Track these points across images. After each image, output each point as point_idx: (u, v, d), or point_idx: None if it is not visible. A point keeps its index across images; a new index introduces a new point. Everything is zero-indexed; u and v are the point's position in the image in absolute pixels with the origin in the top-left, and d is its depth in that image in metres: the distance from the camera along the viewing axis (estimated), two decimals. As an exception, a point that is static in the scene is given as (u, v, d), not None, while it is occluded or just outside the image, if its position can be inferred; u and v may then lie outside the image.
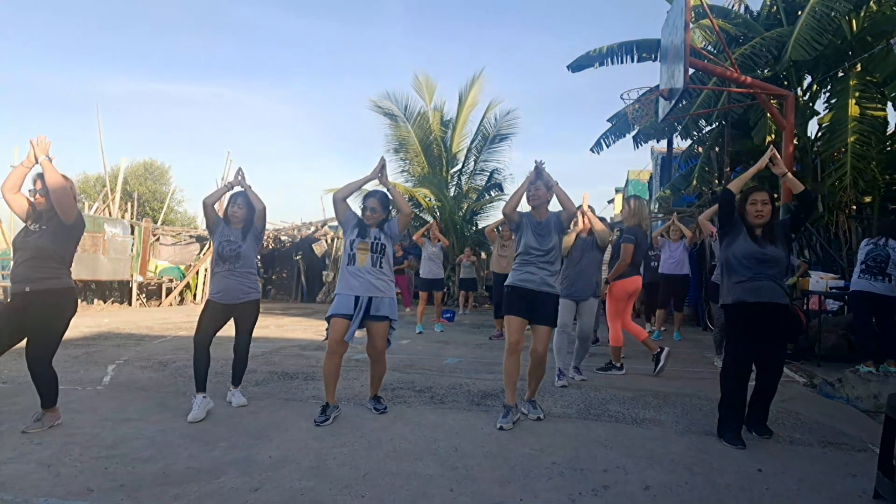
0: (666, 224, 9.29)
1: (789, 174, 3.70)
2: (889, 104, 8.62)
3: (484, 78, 16.25)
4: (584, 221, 5.04)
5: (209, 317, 3.98)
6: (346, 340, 3.77)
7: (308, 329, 9.08)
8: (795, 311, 6.82)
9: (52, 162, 3.39)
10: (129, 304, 12.90)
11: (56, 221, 3.43)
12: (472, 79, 16.02)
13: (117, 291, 13.31)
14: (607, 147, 13.13)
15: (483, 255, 15.15)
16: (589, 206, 5.17)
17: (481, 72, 16.15)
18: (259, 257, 16.31)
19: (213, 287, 4.09)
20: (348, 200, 4.05)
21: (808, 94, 9.97)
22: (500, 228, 8.65)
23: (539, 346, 3.84)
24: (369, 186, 4.30)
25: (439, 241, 9.23)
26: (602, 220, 5.44)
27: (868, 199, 9.24)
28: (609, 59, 11.63)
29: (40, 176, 3.45)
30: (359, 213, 4.10)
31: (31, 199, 3.50)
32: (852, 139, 8.10)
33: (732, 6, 11.15)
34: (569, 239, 5.04)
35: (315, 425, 3.64)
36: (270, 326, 9.33)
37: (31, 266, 3.37)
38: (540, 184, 3.92)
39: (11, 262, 3.54)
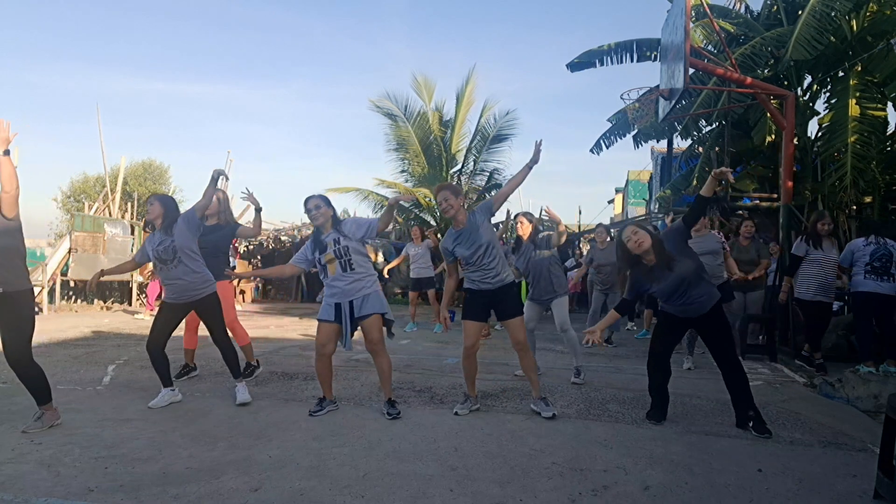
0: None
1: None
2: (889, 104, 8.60)
3: (477, 74, 16.16)
4: (526, 227, 5.37)
5: (162, 322, 4.11)
6: (346, 349, 3.95)
7: (308, 329, 9.06)
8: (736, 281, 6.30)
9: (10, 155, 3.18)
10: (129, 304, 12.90)
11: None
12: (468, 76, 15.95)
13: (117, 291, 13.31)
14: (607, 147, 13.15)
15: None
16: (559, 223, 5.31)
17: (473, 68, 16.15)
18: (259, 258, 16.31)
19: (165, 291, 4.20)
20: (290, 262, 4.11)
21: (808, 94, 9.95)
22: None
23: (518, 335, 3.96)
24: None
25: (424, 240, 9.11)
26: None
27: (868, 199, 9.23)
28: (609, 58, 11.63)
29: None
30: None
31: None
32: (852, 139, 8.09)
33: (733, 6, 11.12)
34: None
35: (309, 415, 3.79)
36: (270, 326, 9.34)
37: (3, 266, 3.28)
38: (448, 194, 3.88)
39: None
